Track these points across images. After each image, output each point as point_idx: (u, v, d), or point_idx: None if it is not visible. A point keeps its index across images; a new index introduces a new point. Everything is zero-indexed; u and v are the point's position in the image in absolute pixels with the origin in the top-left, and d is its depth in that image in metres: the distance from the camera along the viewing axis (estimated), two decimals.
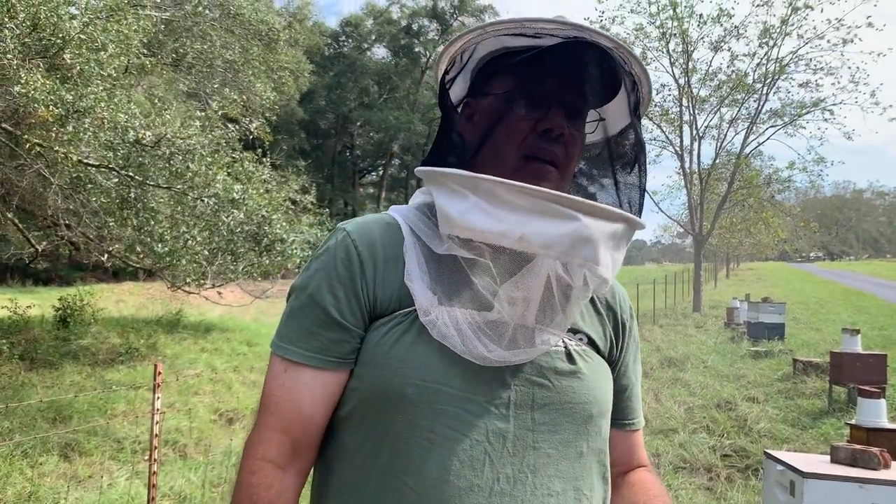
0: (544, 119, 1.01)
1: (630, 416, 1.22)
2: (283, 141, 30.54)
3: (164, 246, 8.90)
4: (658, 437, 7.35)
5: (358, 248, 1.02)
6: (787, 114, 22.66)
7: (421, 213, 1.07)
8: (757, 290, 26.98)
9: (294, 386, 1.00)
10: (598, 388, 1.05)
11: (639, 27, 22.47)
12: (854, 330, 8.77)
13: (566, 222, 0.93)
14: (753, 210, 25.19)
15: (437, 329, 0.95)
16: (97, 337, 11.09)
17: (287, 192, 12.01)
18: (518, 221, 0.92)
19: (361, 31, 51.52)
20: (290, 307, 1.05)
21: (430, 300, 0.97)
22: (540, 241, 0.92)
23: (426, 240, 1.02)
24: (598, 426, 1.06)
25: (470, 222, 0.93)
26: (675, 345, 13.79)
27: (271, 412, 1.01)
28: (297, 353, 1.00)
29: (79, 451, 6.62)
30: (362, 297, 1.00)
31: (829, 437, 7.23)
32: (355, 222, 1.08)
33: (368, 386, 0.98)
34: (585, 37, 0.99)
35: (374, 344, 0.99)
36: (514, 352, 0.96)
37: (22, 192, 8.85)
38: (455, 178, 0.96)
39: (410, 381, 0.95)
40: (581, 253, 0.94)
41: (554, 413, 1.00)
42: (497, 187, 0.93)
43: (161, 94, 13.03)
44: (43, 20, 6.71)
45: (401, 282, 1.00)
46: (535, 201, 0.92)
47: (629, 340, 1.19)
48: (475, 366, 0.96)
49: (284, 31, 16.61)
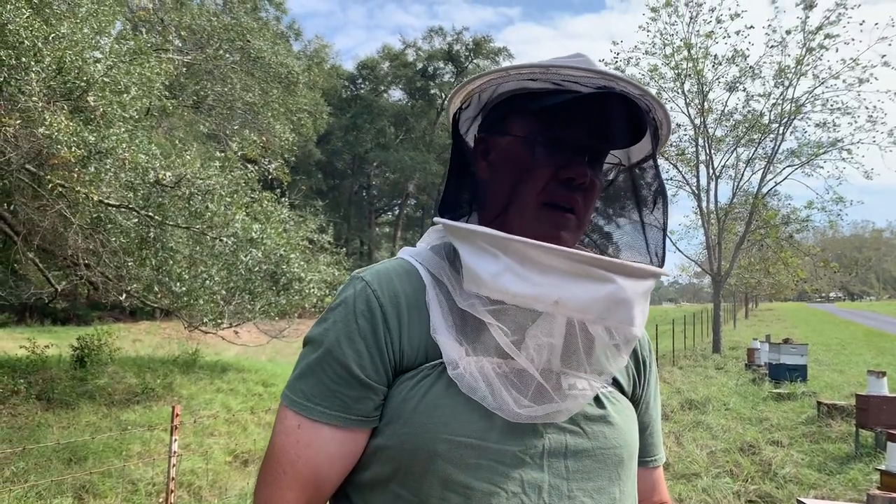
0: (567, 168, 0.98)
1: (652, 453, 1.21)
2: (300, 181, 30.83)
3: (181, 285, 8.92)
4: (681, 482, 7.18)
5: (380, 300, 0.98)
6: (805, 153, 22.60)
7: (438, 256, 1.04)
8: (777, 330, 26.66)
9: (311, 444, 0.96)
10: (628, 431, 1.05)
11: (654, 68, 22.61)
12: (880, 372, 8.60)
13: (602, 285, 0.91)
14: (772, 250, 24.99)
15: (465, 383, 0.93)
16: (114, 377, 11.09)
17: (305, 231, 12.06)
18: (552, 285, 0.90)
19: (378, 73, 52.34)
20: (306, 361, 1.00)
21: (457, 352, 0.94)
22: (575, 306, 0.90)
23: (449, 288, 0.99)
24: (630, 470, 1.05)
25: (502, 286, 0.91)
26: (695, 386, 13.57)
27: (285, 471, 0.96)
28: (315, 411, 0.96)
29: (93, 492, 6.57)
30: (386, 353, 0.96)
31: (857, 483, 7.04)
32: (373, 271, 1.03)
33: (397, 444, 0.94)
34: (613, 87, 0.97)
35: (401, 400, 0.95)
36: (544, 406, 0.94)
37: (43, 232, 8.93)
38: (485, 238, 0.93)
39: (441, 436, 0.91)
40: (617, 316, 0.92)
41: (587, 460, 0.98)
42: (530, 249, 0.90)
43: (182, 135, 13.21)
44: (68, 64, 6.85)
45: (426, 333, 0.97)
46: (571, 264, 0.90)
47: (650, 377, 1.18)
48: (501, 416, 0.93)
49: (304, 73, 16.87)
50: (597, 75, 0.97)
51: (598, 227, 1.16)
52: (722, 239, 22.95)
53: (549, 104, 0.97)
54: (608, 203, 1.16)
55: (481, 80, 1.03)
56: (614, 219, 1.15)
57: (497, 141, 1.06)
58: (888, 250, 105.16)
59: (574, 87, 0.98)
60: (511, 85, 1.04)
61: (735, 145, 23.19)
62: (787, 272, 26.39)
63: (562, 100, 0.96)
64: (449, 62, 51.95)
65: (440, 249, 1.05)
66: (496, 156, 1.05)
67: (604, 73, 0.97)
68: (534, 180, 0.99)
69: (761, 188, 22.85)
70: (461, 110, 1.09)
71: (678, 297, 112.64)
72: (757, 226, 23.12)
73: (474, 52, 51.22)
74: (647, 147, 1.07)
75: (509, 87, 1.04)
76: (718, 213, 23.18)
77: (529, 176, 0.99)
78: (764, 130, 22.21)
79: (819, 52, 21.02)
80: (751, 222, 22.72)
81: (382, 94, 52.87)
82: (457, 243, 0.97)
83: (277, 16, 31.34)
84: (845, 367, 16.47)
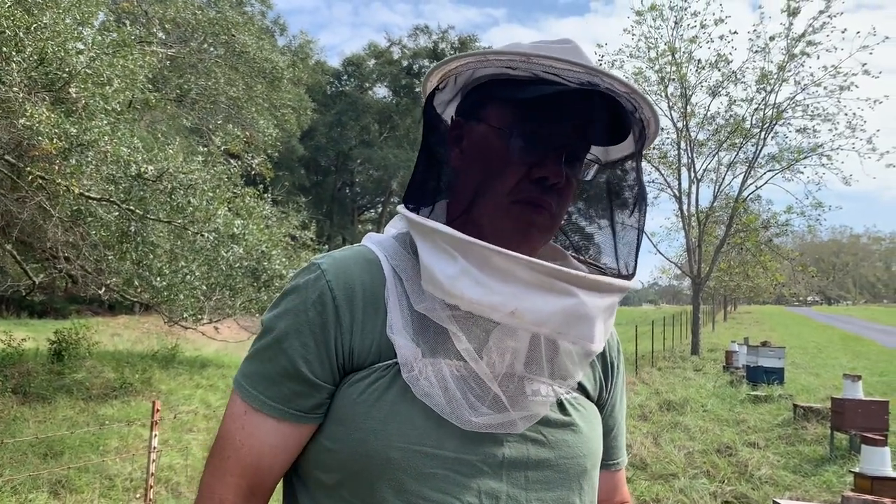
0: (541, 166, 0.92)
1: (615, 456, 1.18)
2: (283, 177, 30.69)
3: (162, 280, 8.85)
4: (658, 483, 7.24)
5: (333, 292, 0.92)
6: (785, 158, 22.83)
7: (402, 247, 0.99)
8: (755, 333, 26.92)
9: (254, 433, 0.93)
10: (592, 439, 1.01)
11: (638, 71, 22.75)
12: (856, 376, 8.72)
13: (563, 298, 0.85)
14: (751, 253, 25.22)
15: (420, 387, 0.89)
16: (91, 371, 10.99)
17: (287, 227, 12.01)
18: (511, 294, 0.84)
19: (363, 70, 52.17)
20: (255, 346, 0.97)
21: (413, 353, 0.90)
22: (532, 318, 0.85)
23: (407, 285, 0.94)
24: (592, 479, 1.02)
25: (458, 290, 0.85)
26: (674, 388, 13.68)
27: (228, 455, 0.94)
28: (257, 400, 0.93)
29: (69, 488, 6.50)
30: (335, 350, 0.92)
31: (831, 485, 7.14)
32: (332, 258, 0.97)
33: (348, 449, 0.90)
34: (598, 83, 0.90)
35: (352, 402, 0.91)
36: (503, 414, 0.90)
37: (22, 224, 8.83)
38: (446, 238, 0.87)
39: (395, 444, 0.87)
40: (575, 331, 0.87)
41: (548, 470, 0.94)
42: (492, 255, 0.85)
43: (164, 128, 13.11)
44: (50, 54, 6.76)
45: (381, 331, 0.92)
46: (532, 274, 0.85)
47: (617, 379, 1.14)
48: None
49: (288, 69, 16.78)
50: (581, 70, 0.89)
51: (574, 227, 1.12)
52: (702, 242, 23.12)
53: (526, 97, 0.92)
54: (585, 203, 1.10)
55: (458, 62, 0.96)
56: (591, 220, 1.10)
57: (471, 128, 0.99)
58: (865, 255, 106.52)
59: (556, 79, 0.90)
60: (490, 70, 0.97)
61: (717, 149, 23.39)
62: (765, 276, 26.68)
63: (539, 93, 0.90)
64: (434, 60, 51.84)
65: (405, 239, 1.00)
66: (469, 144, 0.99)
67: (588, 68, 0.89)
68: (506, 175, 0.93)
69: (742, 192, 23.05)
70: (436, 91, 1.02)
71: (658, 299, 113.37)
72: (737, 229, 23.33)
73: (460, 50, 51.12)
74: (630, 147, 1.01)
75: (488, 71, 0.97)
76: (699, 216, 23.37)
77: (502, 170, 0.94)
78: (745, 135, 22.41)
79: (801, 59, 21.26)
80: (731, 226, 22.92)
81: (367, 91, 52.70)
82: (417, 239, 0.93)
83: (263, 11, 31.15)
84: (821, 370, 16.67)
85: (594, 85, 0.90)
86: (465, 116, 1.02)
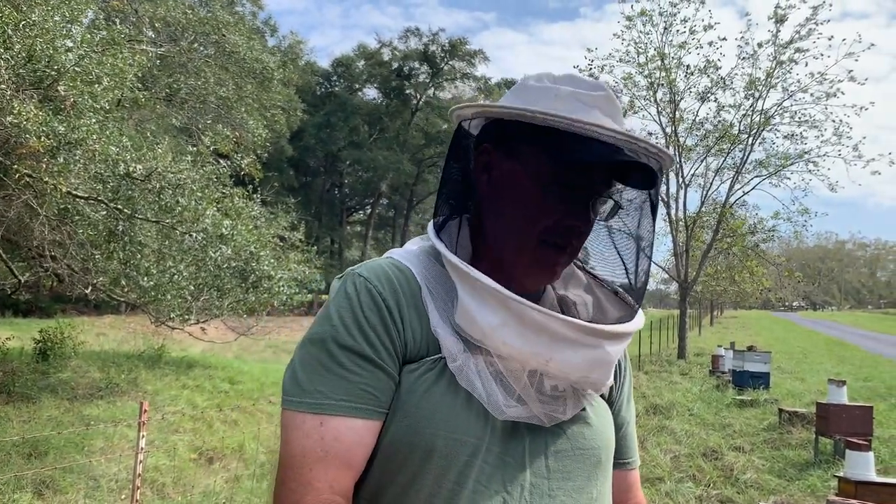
0: (571, 216, 0.98)
1: (627, 455, 1.22)
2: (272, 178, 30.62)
3: (149, 280, 8.81)
4: (644, 486, 7.23)
5: (381, 293, 0.97)
6: (772, 164, 22.96)
7: (432, 258, 1.04)
8: (741, 338, 27.04)
9: (339, 437, 0.92)
10: (605, 432, 1.07)
11: (627, 76, 22.81)
12: (840, 381, 8.78)
13: (589, 350, 0.95)
14: (738, 258, 25.36)
15: (464, 376, 0.95)
16: (77, 371, 10.91)
17: (276, 228, 11.99)
18: (546, 345, 0.93)
19: (353, 71, 52.14)
20: (311, 361, 0.95)
21: (457, 346, 0.96)
22: (563, 368, 0.95)
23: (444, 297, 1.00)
24: (607, 470, 1.07)
25: (500, 337, 0.93)
26: (660, 392, 13.73)
27: (311, 468, 0.91)
28: (335, 407, 0.92)
29: (54, 488, 6.46)
30: (396, 340, 0.96)
31: (815, 489, 7.18)
32: (367, 267, 1.02)
33: (396, 434, 0.94)
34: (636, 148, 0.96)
35: (406, 391, 0.95)
36: (527, 407, 0.97)
37: (8, 223, 8.76)
38: (489, 290, 0.94)
39: (440, 432, 0.93)
40: (595, 375, 0.97)
41: (566, 460, 1.00)
42: (533, 313, 0.93)
43: (153, 128, 13.04)
44: (38, 52, 6.73)
45: (426, 328, 0.98)
46: (566, 330, 0.94)
47: (624, 380, 1.20)
48: (492, 416, 0.95)
49: (278, 69, 16.76)
50: (624, 139, 0.94)
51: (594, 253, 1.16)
52: (689, 247, 23.21)
53: (572, 159, 0.96)
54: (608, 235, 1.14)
55: (502, 110, 1.00)
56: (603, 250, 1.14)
57: (502, 160, 1.02)
58: (850, 261, 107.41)
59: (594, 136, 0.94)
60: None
61: (705, 155, 23.49)
62: (752, 281, 26.81)
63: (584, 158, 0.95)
64: (424, 63, 51.91)
65: (432, 253, 1.06)
66: (499, 175, 1.02)
67: (631, 139, 0.95)
68: (538, 220, 0.98)
69: (729, 198, 23.17)
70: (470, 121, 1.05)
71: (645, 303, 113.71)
72: (724, 234, 23.43)
73: (450, 53, 51.26)
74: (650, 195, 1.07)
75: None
76: (687, 221, 23.46)
77: (534, 214, 0.98)
78: (733, 141, 22.51)
79: (789, 66, 21.39)
80: (718, 231, 23.02)
81: (357, 92, 52.67)
82: (455, 279, 0.98)
83: (254, 11, 31.14)
84: (807, 375, 16.76)
85: (633, 152, 0.96)
86: (494, 144, 1.03)
